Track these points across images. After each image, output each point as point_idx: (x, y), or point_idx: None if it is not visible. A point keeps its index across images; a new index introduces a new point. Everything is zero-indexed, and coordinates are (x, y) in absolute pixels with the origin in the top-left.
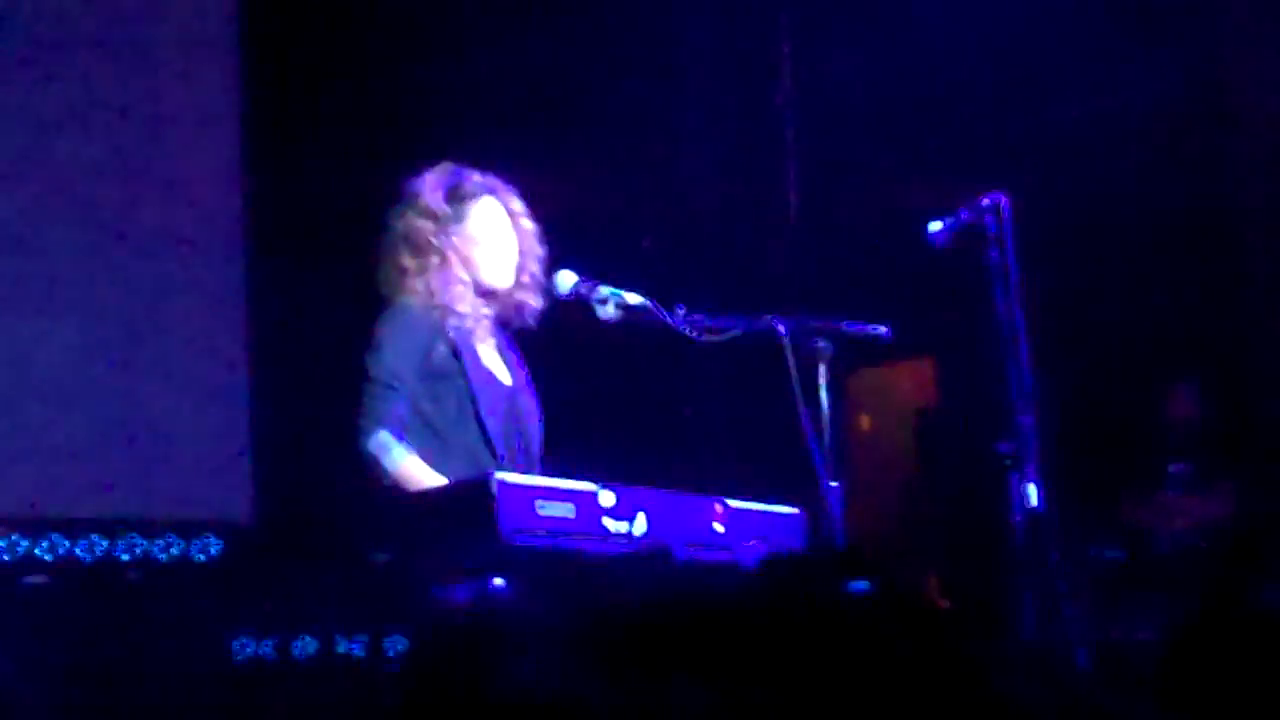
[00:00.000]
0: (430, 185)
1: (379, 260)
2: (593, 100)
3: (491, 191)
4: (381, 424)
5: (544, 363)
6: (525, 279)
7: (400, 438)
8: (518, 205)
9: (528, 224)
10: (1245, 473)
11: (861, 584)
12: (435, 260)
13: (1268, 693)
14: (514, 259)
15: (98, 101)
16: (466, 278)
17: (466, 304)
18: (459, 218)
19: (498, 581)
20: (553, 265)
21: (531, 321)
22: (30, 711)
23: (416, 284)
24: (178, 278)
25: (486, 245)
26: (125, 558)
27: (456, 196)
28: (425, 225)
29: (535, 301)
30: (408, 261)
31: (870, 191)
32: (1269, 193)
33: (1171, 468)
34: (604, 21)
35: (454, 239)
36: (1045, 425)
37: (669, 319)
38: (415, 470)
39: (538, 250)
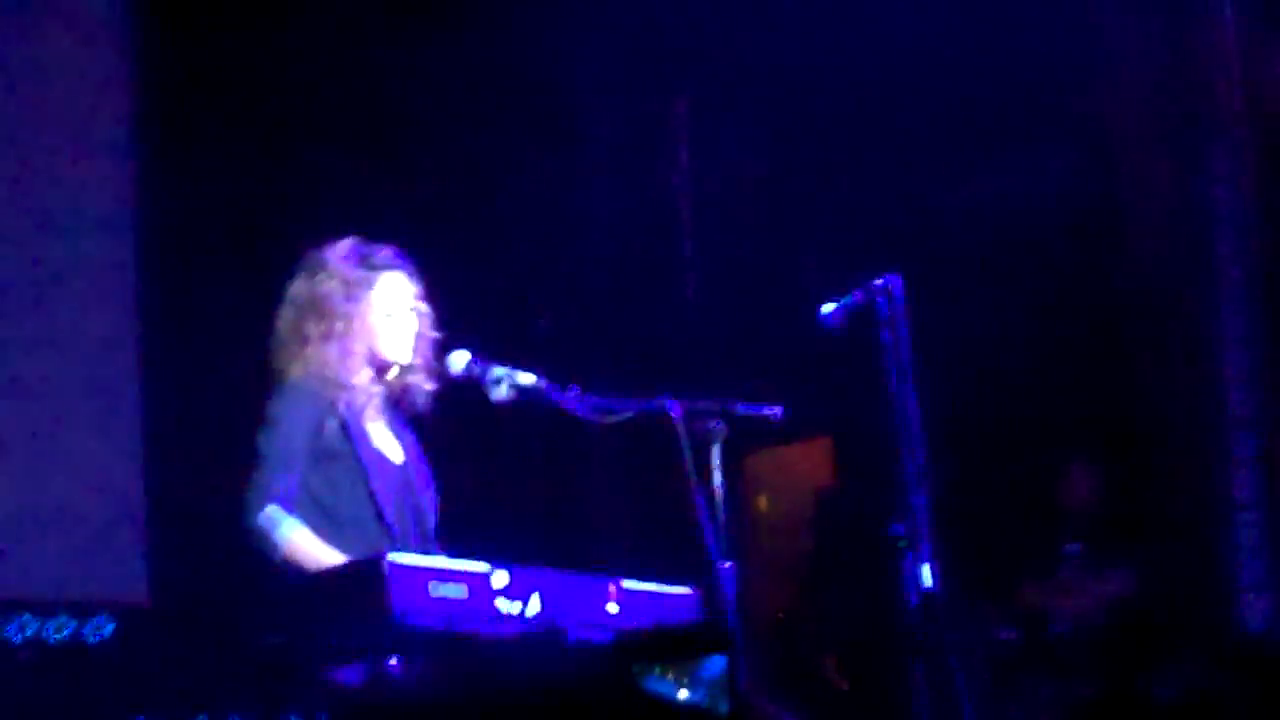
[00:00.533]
0: (341, 252)
1: (276, 328)
2: (490, 177)
3: (399, 268)
4: (269, 499)
5: (437, 443)
6: (418, 361)
7: (290, 511)
8: (417, 288)
9: (424, 307)
10: (1140, 554)
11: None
12: (340, 326)
13: None
14: (412, 337)
15: None
16: (363, 350)
17: (361, 377)
18: (368, 285)
19: (391, 663)
20: (447, 345)
21: (420, 404)
22: None
23: (314, 353)
24: (70, 351)
25: (391, 318)
26: (16, 639)
27: (368, 265)
28: (335, 289)
29: (426, 385)
30: (310, 328)
31: (766, 272)
32: (1158, 276)
33: (1067, 548)
34: (503, 99)
35: (360, 307)
36: (940, 507)
37: (562, 400)
38: (306, 543)
39: (431, 334)
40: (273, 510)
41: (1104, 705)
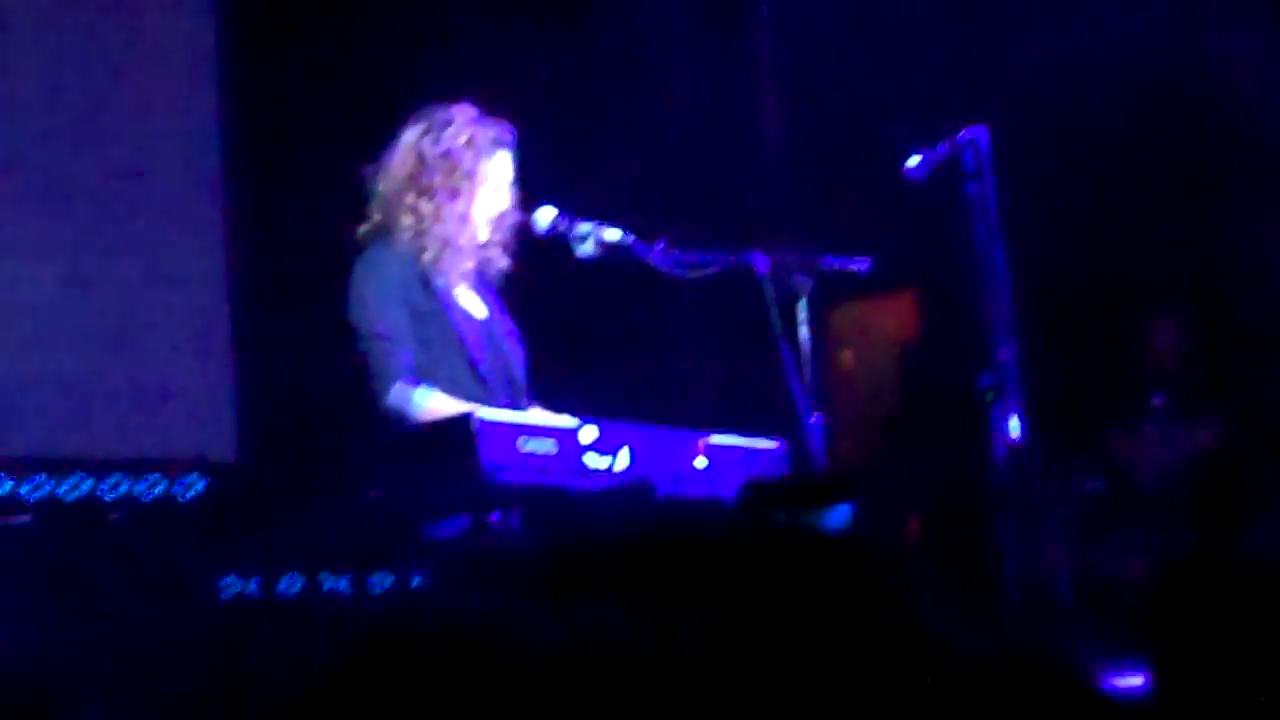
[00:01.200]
0: (470, 115)
1: (391, 175)
2: (571, 36)
3: (511, 148)
4: (395, 377)
5: (524, 299)
6: (497, 237)
7: (415, 383)
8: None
9: (514, 190)
10: (1228, 405)
11: (842, 511)
12: (465, 185)
13: (1250, 639)
14: (506, 213)
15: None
16: (472, 214)
17: (466, 238)
18: (490, 155)
19: (490, 518)
20: (532, 201)
21: (496, 277)
22: (17, 650)
23: (433, 207)
24: (157, 215)
25: (496, 194)
26: (109, 498)
27: (492, 137)
28: (464, 149)
29: (502, 261)
30: (437, 179)
31: (850, 125)
32: (1250, 124)
33: (1154, 400)
34: None
35: (481, 173)
36: (1027, 359)
37: (648, 255)
38: (442, 405)
39: (515, 216)
40: (400, 387)
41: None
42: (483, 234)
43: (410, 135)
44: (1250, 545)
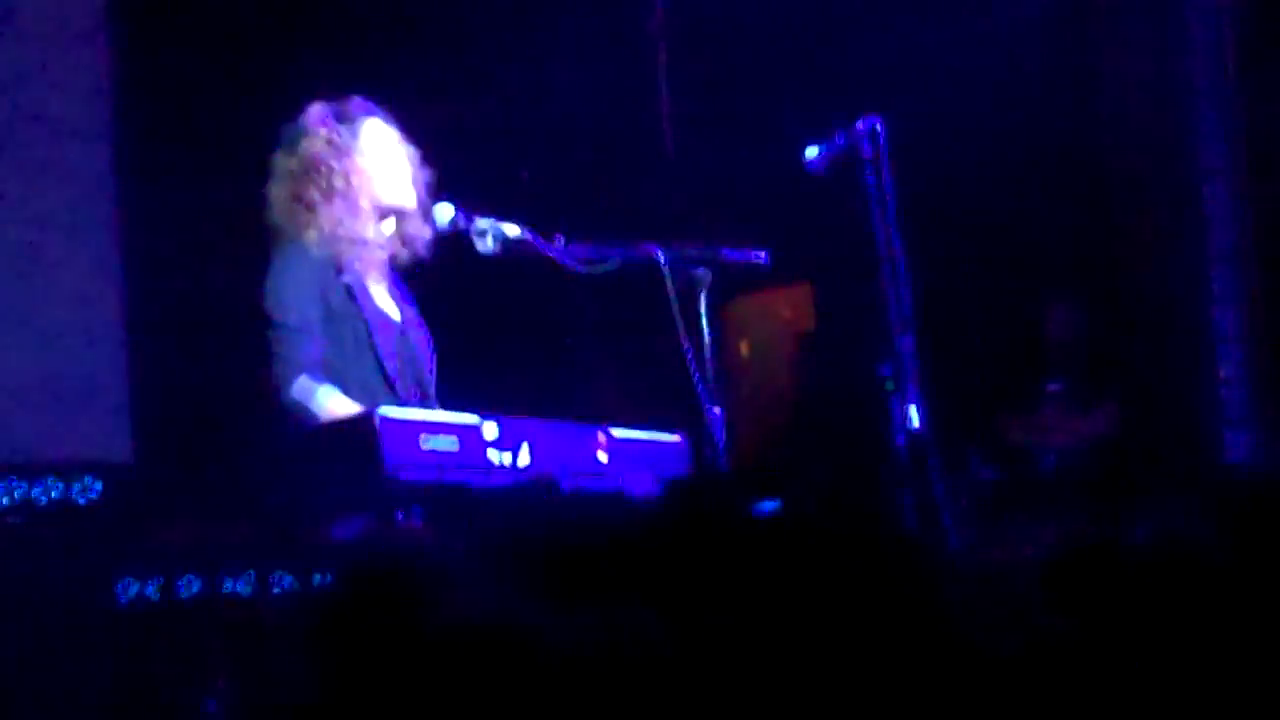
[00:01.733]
0: (316, 115)
1: (273, 201)
2: (464, 27)
3: (374, 113)
4: (300, 369)
5: (425, 295)
6: (411, 206)
7: (319, 380)
8: (396, 130)
9: (408, 147)
10: (1122, 391)
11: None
12: (339, 182)
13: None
14: (409, 177)
15: None
16: (367, 201)
17: (370, 230)
18: (353, 135)
19: (394, 517)
20: (429, 198)
21: (422, 252)
22: None
23: (321, 215)
24: (49, 211)
25: (385, 164)
26: (4, 502)
27: (345, 119)
28: (322, 148)
29: (424, 231)
30: (310, 192)
31: (744, 117)
32: (1139, 110)
33: (1049, 386)
34: None
35: (353, 159)
36: (923, 347)
37: (548, 250)
38: (342, 407)
39: (421, 175)
40: (304, 380)
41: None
42: (400, 201)
43: (276, 162)
44: (1141, 531)
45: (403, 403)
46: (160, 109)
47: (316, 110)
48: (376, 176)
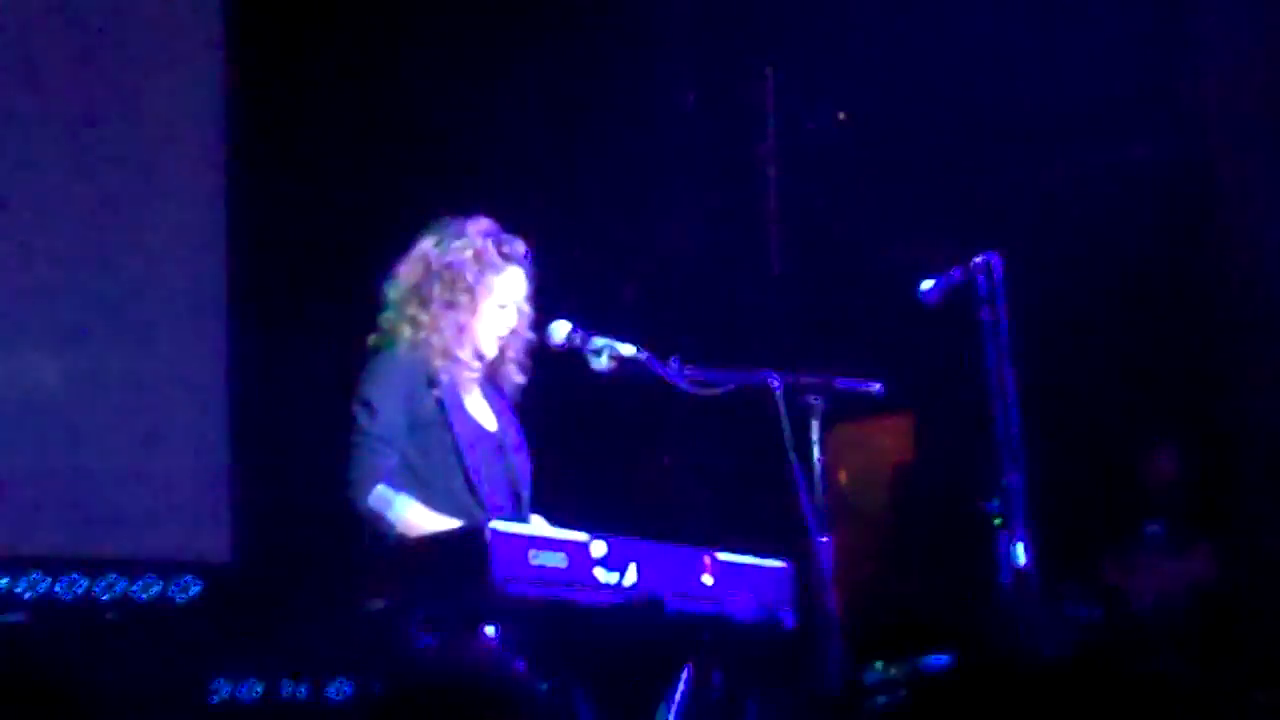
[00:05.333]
0: (480, 228)
1: (397, 280)
2: (581, 155)
3: (524, 265)
4: (377, 478)
5: (535, 411)
6: (510, 354)
7: (397, 489)
8: (530, 288)
9: (528, 308)
10: (1222, 537)
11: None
12: (464, 299)
13: None
14: (506, 334)
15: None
16: (472, 329)
17: (466, 352)
18: (497, 270)
19: (488, 630)
20: (547, 315)
21: (510, 391)
22: None
23: (430, 317)
24: (158, 308)
25: (503, 311)
26: (105, 597)
27: (502, 253)
28: (469, 262)
29: (517, 378)
30: (435, 290)
31: (855, 247)
32: (1250, 259)
33: (1148, 528)
34: (591, 74)
35: (485, 288)
36: (1029, 484)
37: (662, 371)
38: (420, 519)
39: (528, 334)
40: (382, 490)
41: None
42: (488, 348)
43: (420, 244)
44: (1240, 674)
45: (490, 514)
46: (269, 227)
47: (481, 224)
48: (489, 317)
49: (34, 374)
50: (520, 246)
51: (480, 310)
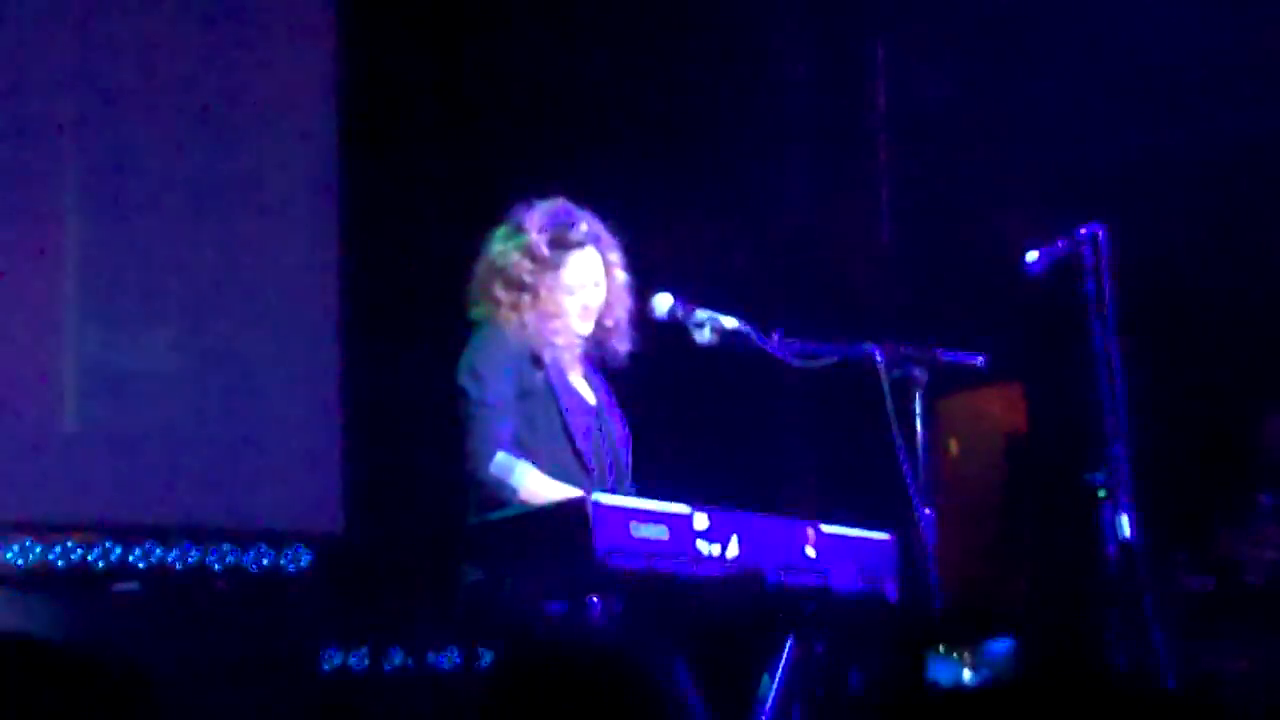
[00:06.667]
0: (537, 223)
1: (472, 283)
2: (689, 126)
3: (594, 241)
4: (497, 445)
5: (639, 383)
6: (609, 324)
7: (518, 456)
8: (615, 256)
9: (621, 275)
10: None
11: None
12: (528, 299)
13: None
14: (599, 309)
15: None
16: (550, 317)
17: (561, 337)
18: (557, 264)
19: (593, 601)
20: (649, 287)
21: (615, 363)
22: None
23: (509, 315)
24: (273, 283)
25: (577, 296)
26: (216, 567)
27: (560, 243)
28: (524, 263)
29: (620, 347)
30: (501, 294)
31: (963, 218)
32: None
33: (1262, 499)
34: (701, 47)
35: (546, 283)
36: (1136, 453)
37: (764, 344)
38: (541, 486)
39: (627, 301)
40: (503, 457)
41: None
42: (580, 328)
43: (490, 242)
44: None
45: (596, 485)
46: (382, 204)
47: (542, 214)
48: (567, 304)
49: (151, 348)
50: (583, 227)
51: (549, 303)
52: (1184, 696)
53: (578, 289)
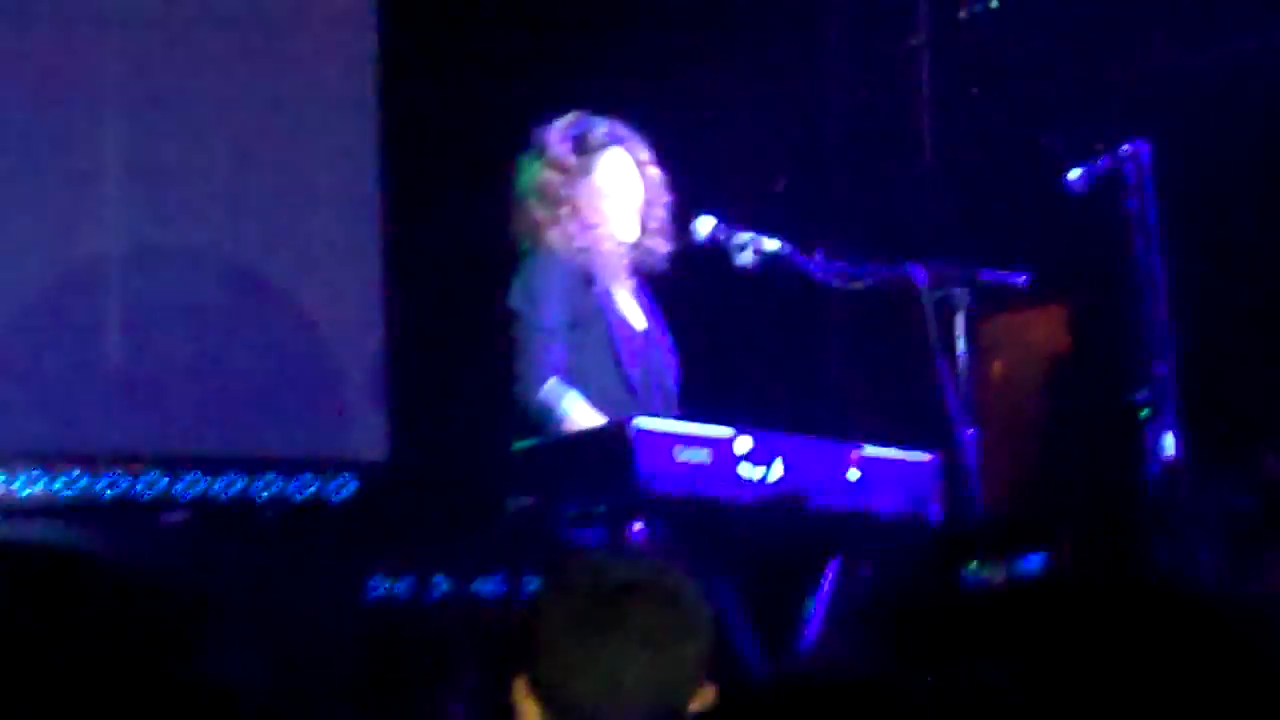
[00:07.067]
0: (558, 136)
1: (512, 211)
2: (726, 44)
3: (619, 141)
4: (550, 371)
5: (680, 306)
6: (652, 225)
7: (568, 385)
8: (644, 154)
9: (654, 171)
10: None
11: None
12: (565, 211)
13: None
14: (639, 209)
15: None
16: (595, 227)
17: (607, 245)
18: (586, 170)
19: (636, 528)
20: (689, 209)
21: (661, 266)
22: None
23: (553, 234)
24: (312, 211)
25: (613, 198)
26: (262, 496)
27: (584, 148)
28: (553, 177)
29: (663, 247)
30: (540, 213)
31: (1007, 136)
32: None
33: None
34: None
35: (580, 191)
36: (1182, 375)
37: (806, 265)
38: (587, 417)
39: (665, 197)
40: (553, 384)
41: None
42: (626, 233)
43: (518, 168)
44: None
45: (644, 410)
46: (421, 140)
47: (560, 128)
48: (605, 208)
49: (191, 276)
50: (603, 129)
51: (589, 212)
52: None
53: (612, 190)
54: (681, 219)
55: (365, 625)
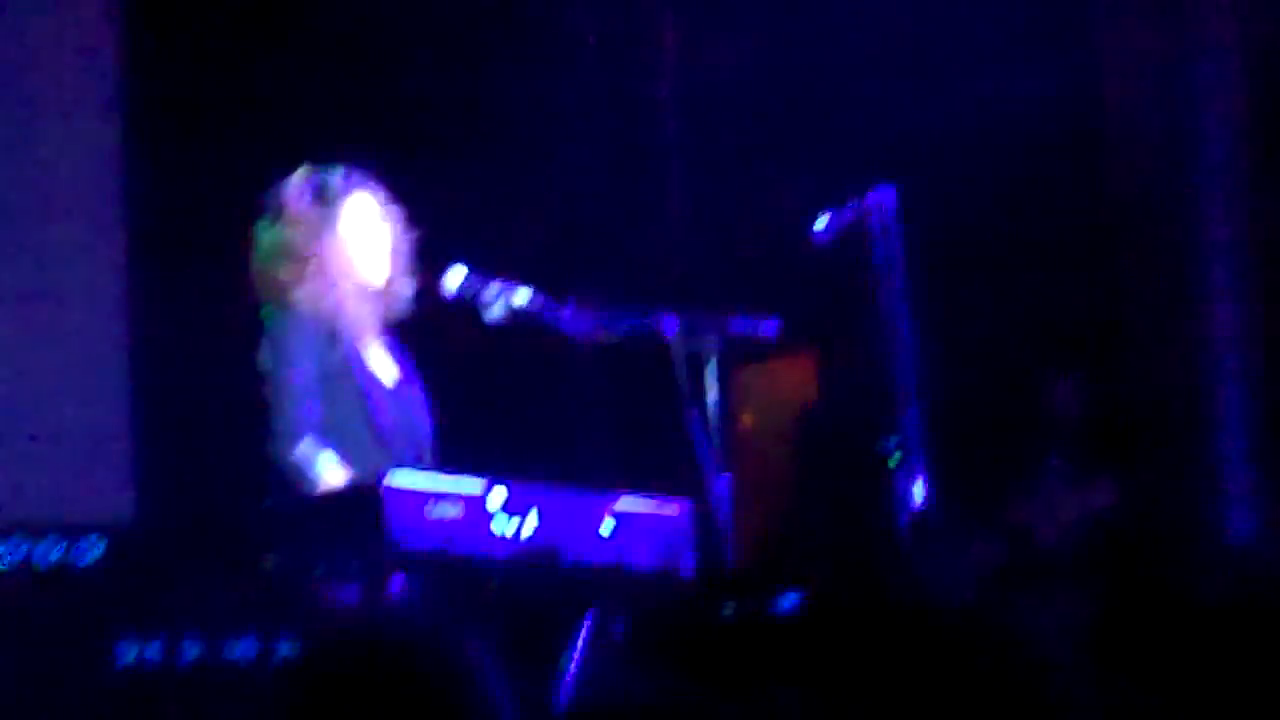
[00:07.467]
0: (295, 192)
1: (255, 273)
2: (475, 93)
3: (359, 185)
4: (303, 429)
5: (435, 357)
6: (399, 265)
7: (322, 441)
8: (382, 195)
9: (394, 209)
10: (1123, 467)
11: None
12: (313, 266)
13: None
14: (388, 251)
15: None
16: (343, 280)
17: (350, 302)
18: (329, 220)
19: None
20: (439, 257)
21: (407, 309)
22: None
23: (299, 293)
24: (56, 272)
25: (360, 243)
26: (6, 559)
27: (324, 199)
28: (295, 234)
29: (408, 288)
30: (285, 274)
31: (754, 186)
32: (1146, 188)
33: (1051, 460)
34: (485, 11)
35: (327, 242)
36: (929, 422)
37: (558, 318)
38: (338, 475)
39: (407, 234)
40: (306, 444)
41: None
42: (375, 276)
43: (257, 231)
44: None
45: (396, 463)
46: (169, 172)
47: (295, 187)
48: (354, 257)
49: None
50: (339, 175)
51: (337, 264)
52: (971, 613)
53: (359, 236)
54: (431, 268)
55: (114, 691)
